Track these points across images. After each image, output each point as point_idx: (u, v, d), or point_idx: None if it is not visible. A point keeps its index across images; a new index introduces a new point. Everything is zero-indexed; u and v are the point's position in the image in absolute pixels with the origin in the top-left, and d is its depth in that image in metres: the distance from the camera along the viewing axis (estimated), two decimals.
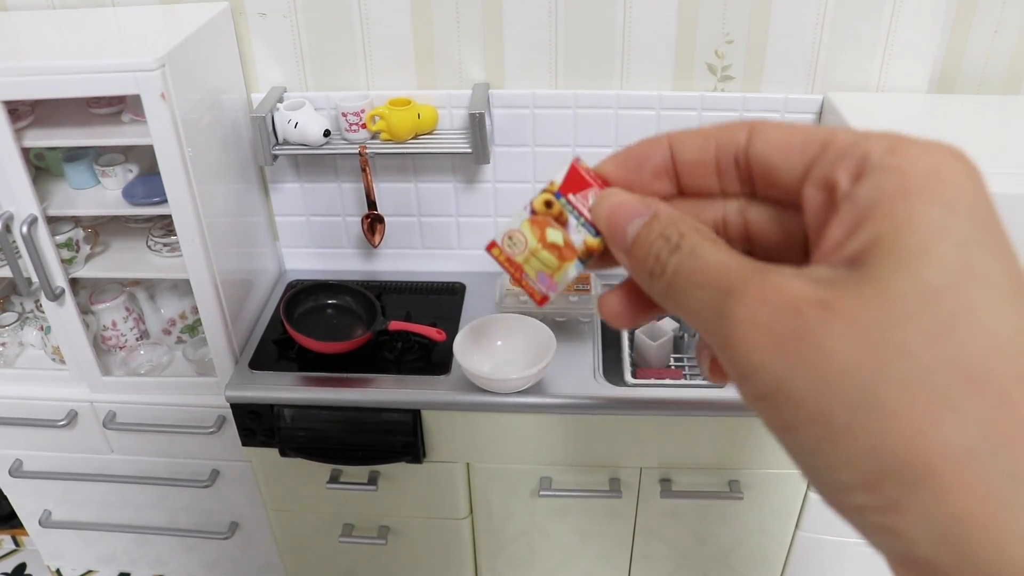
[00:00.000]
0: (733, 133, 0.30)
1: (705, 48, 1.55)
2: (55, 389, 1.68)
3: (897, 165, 0.24)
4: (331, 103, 1.63)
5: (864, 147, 0.25)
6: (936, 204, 0.23)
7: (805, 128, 0.28)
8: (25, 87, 1.31)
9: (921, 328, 0.22)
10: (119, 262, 1.57)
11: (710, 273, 0.26)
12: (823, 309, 0.23)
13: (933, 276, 0.22)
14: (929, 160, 0.24)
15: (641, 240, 0.30)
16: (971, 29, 1.53)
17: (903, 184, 0.23)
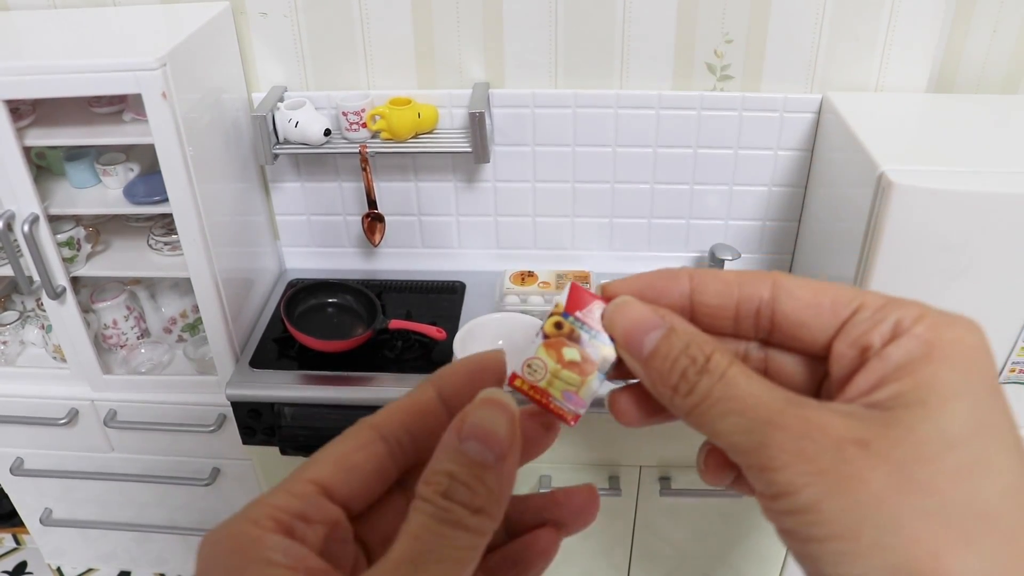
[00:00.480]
0: (756, 286, 0.32)
1: (704, 48, 1.55)
2: (56, 388, 1.69)
3: (925, 335, 0.28)
4: (331, 102, 1.63)
5: (897, 315, 0.29)
6: (956, 371, 0.27)
7: (831, 287, 0.31)
8: (26, 86, 1.31)
9: (944, 469, 0.26)
10: (120, 261, 1.58)
11: (745, 402, 0.29)
12: (861, 447, 0.27)
13: (954, 427, 0.26)
14: (952, 333, 0.28)
15: (662, 354, 0.31)
16: (970, 28, 1.53)
17: (929, 352, 0.28)
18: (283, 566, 0.28)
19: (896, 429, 0.27)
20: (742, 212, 1.73)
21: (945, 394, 0.27)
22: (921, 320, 0.28)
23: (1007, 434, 0.27)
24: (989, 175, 1.27)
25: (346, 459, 0.31)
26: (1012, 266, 1.29)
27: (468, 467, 0.29)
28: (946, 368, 0.27)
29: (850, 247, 1.39)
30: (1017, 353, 1.38)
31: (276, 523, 0.29)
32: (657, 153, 1.67)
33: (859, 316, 0.30)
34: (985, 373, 0.28)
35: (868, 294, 0.30)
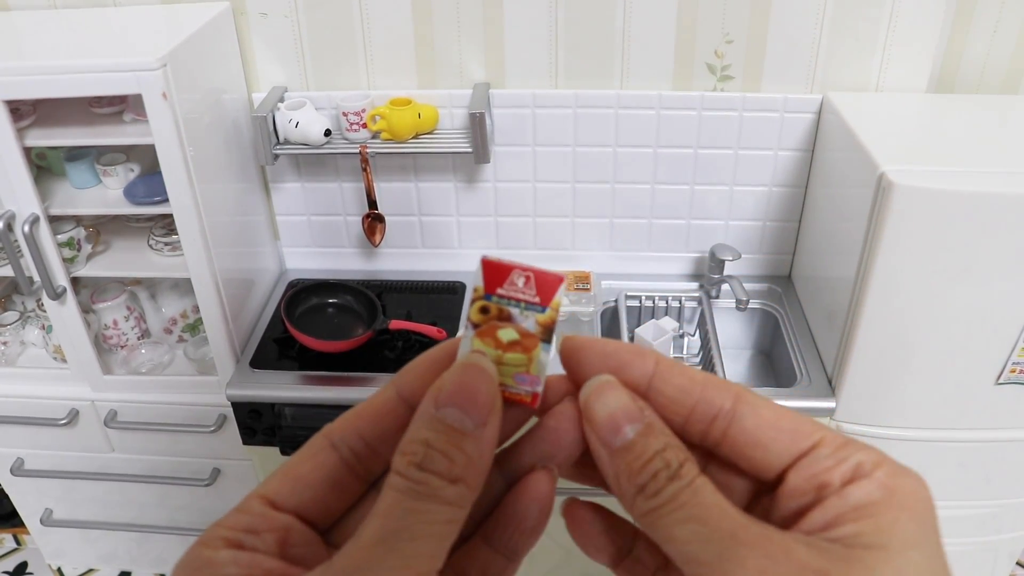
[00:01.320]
0: (720, 392, 0.31)
1: (705, 48, 1.55)
2: (56, 388, 1.69)
3: (885, 481, 0.29)
4: (332, 103, 1.63)
5: (858, 458, 0.30)
6: (915, 521, 0.29)
7: (791, 415, 0.31)
8: (27, 87, 1.31)
9: None
10: (120, 261, 1.58)
11: (711, 512, 0.29)
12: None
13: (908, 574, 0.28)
14: (908, 483, 0.29)
15: (636, 450, 0.30)
16: (970, 29, 1.53)
17: (890, 498, 0.29)
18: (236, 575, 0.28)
19: (857, 567, 0.27)
20: (742, 212, 1.73)
21: (906, 542, 0.28)
22: (880, 466, 0.29)
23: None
24: (989, 175, 1.27)
25: (293, 470, 0.31)
26: (1012, 266, 1.29)
27: (445, 434, 0.28)
28: (906, 517, 0.28)
29: (850, 247, 1.39)
30: (1017, 353, 1.38)
31: (225, 541, 0.29)
32: (657, 153, 1.67)
33: (819, 452, 0.30)
34: (936, 527, 0.29)
35: (827, 430, 0.31)
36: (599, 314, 1.70)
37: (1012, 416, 1.47)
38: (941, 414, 1.47)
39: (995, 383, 1.42)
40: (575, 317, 1.68)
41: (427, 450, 0.28)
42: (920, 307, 1.34)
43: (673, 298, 1.78)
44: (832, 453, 0.30)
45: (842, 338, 1.45)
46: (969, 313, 1.34)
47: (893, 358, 1.41)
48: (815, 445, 0.30)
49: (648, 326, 1.69)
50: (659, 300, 1.78)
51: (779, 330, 1.71)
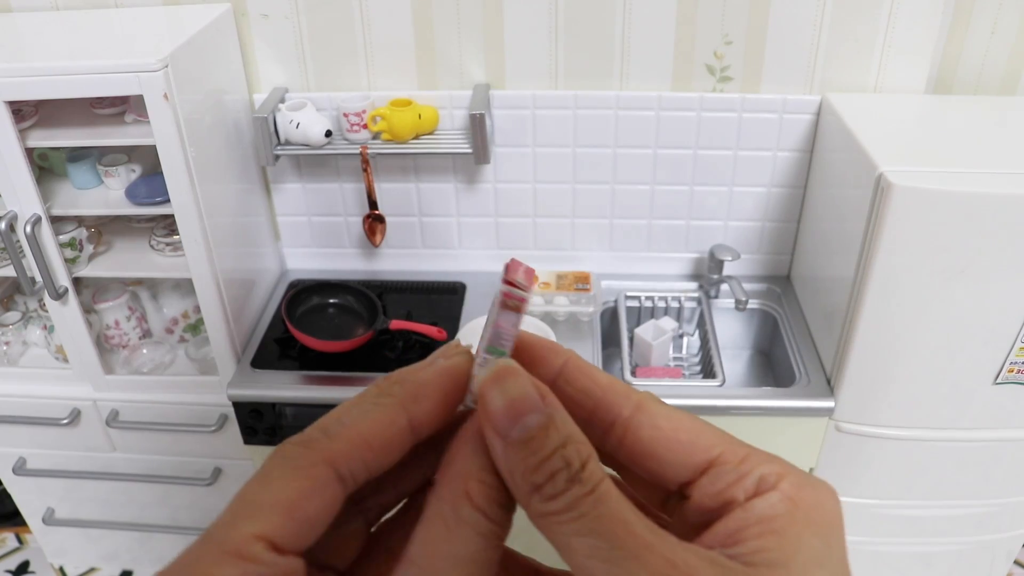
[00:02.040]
0: (619, 400, 0.30)
1: (704, 49, 1.56)
2: (58, 388, 1.69)
3: (790, 493, 0.28)
4: (333, 103, 1.64)
5: (760, 471, 0.28)
6: (819, 537, 0.27)
7: (692, 427, 0.29)
8: (29, 88, 1.32)
9: None
10: (122, 262, 1.58)
11: (613, 527, 0.26)
12: None
13: None
14: (814, 496, 0.28)
15: (533, 446, 0.27)
16: (968, 30, 1.53)
17: (793, 512, 0.27)
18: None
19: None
20: (742, 213, 1.74)
21: (808, 561, 0.27)
22: (784, 477, 0.28)
23: None
24: (987, 176, 1.27)
25: (299, 509, 0.26)
26: (1010, 266, 1.29)
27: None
28: (809, 533, 0.27)
29: (849, 247, 1.40)
30: (1015, 353, 1.38)
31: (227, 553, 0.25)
32: (657, 154, 1.67)
33: (720, 469, 0.29)
34: (842, 543, 0.28)
35: (728, 443, 0.29)
36: (599, 314, 1.70)
37: (1010, 416, 1.48)
38: (939, 414, 1.48)
39: (993, 383, 1.43)
40: (575, 317, 1.69)
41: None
42: (918, 307, 1.35)
43: (672, 298, 1.78)
44: (734, 468, 0.29)
45: (841, 338, 1.45)
46: (967, 313, 1.34)
47: (892, 358, 1.42)
48: (714, 461, 0.29)
49: (647, 326, 1.69)
50: (659, 300, 1.78)
51: (778, 330, 1.72)
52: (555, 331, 1.52)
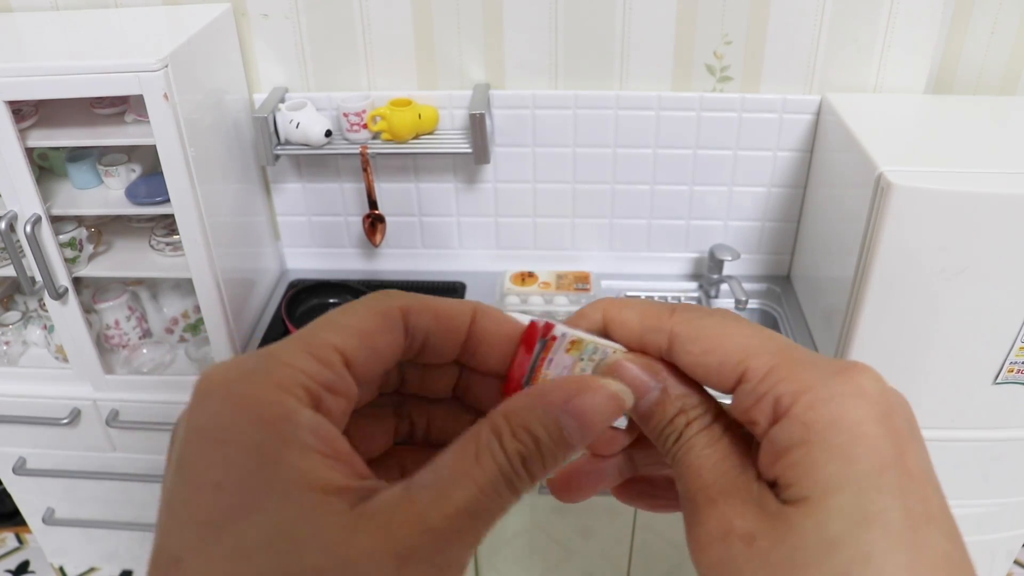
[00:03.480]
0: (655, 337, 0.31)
1: (704, 49, 1.56)
2: (58, 387, 1.69)
3: (802, 417, 0.26)
4: (332, 103, 1.64)
5: (777, 392, 0.27)
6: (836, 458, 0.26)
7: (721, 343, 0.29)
8: (29, 88, 1.32)
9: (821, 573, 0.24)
10: (122, 261, 1.59)
11: (687, 476, 0.29)
12: (746, 542, 0.26)
13: (832, 526, 0.25)
14: (831, 410, 0.26)
15: (656, 418, 0.31)
16: (968, 30, 1.53)
17: (807, 438, 0.26)
18: (317, 451, 0.24)
19: (781, 526, 0.26)
20: (741, 213, 1.74)
21: (825, 488, 0.25)
22: (800, 398, 0.27)
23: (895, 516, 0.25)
24: (988, 176, 1.27)
25: (372, 339, 0.28)
26: (1011, 266, 1.29)
27: (556, 442, 0.27)
28: (825, 456, 0.26)
29: (849, 248, 1.40)
30: (1015, 353, 1.38)
31: (307, 393, 0.25)
32: (657, 154, 1.67)
33: (743, 388, 0.28)
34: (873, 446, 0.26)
35: (752, 356, 0.28)
36: None
37: (1010, 416, 1.48)
38: (939, 413, 1.48)
39: (993, 383, 1.43)
40: None
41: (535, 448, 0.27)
42: (918, 307, 1.35)
43: (672, 298, 1.78)
44: (753, 388, 0.28)
45: (840, 338, 1.45)
46: (967, 313, 1.34)
47: (891, 358, 1.42)
48: (740, 379, 0.28)
49: None
50: (658, 300, 1.78)
51: (778, 330, 1.72)
52: None
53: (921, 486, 0.26)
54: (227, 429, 0.24)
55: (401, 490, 0.25)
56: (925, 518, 0.25)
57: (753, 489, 0.28)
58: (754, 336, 0.29)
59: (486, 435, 0.27)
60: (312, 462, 0.24)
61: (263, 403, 0.24)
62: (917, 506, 0.25)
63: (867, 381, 0.27)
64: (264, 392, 0.25)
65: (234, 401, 0.25)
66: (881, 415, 0.26)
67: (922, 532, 0.25)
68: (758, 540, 0.26)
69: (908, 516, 0.25)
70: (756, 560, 0.26)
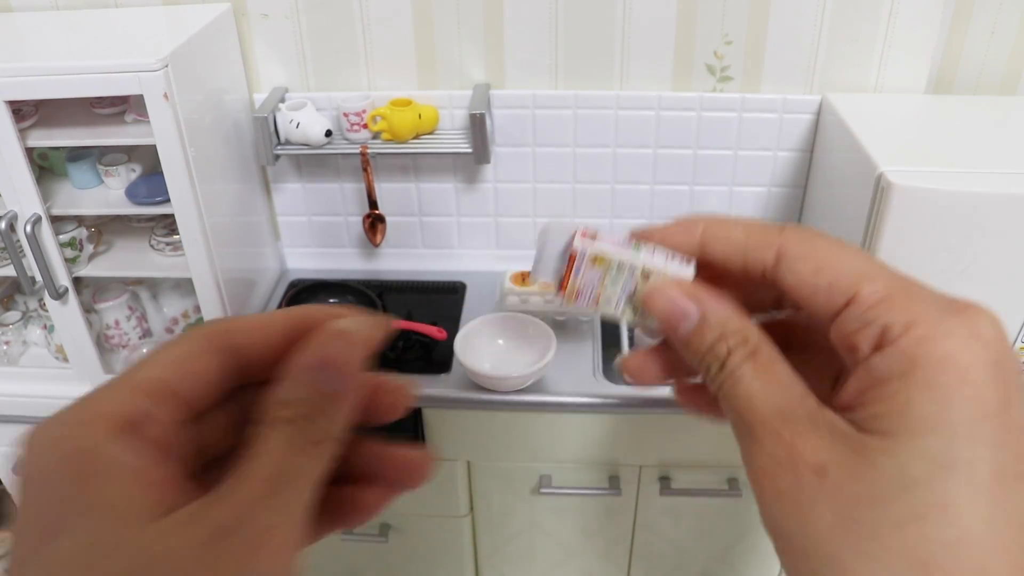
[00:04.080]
0: (761, 253, 0.30)
1: (704, 49, 1.56)
2: (58, 387, 1.69)
3: (909, 350, 0.25)
4: (333, 103, 1.64)
5: (886, 320, 0.26)
6: (936, 399, 0.25)
7: (834, 264, 0.29)
8: (29, 87, 1.31)
9: (893, 514, 0.24)
10: (122, 261, 1.58)
11: (740, 405, 0.28)
12: (818, 475, 0.26)
13: (914, 467, 0.24)
14: (944, 347, 0.25)
15: (695, 345, 0.30)
16: (969, 30, 1.53)
17: (911, 372, 0.25)
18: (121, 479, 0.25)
19: (857, 459, 0.25)
20: (742, 212, 1.74)
21: (916, 427, 0.24)
22: (910, 329, 0.26)
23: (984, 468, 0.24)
24: (988, 176, 1.27)
25: (188, 364, 0.28)
26: (1011, 267, 1.29)
27: (322, 397, 0.28)
28: (925, 395, 0.25)
29: None
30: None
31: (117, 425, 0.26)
32: (657, 154, 1.67)
33: (850, 311, 0.27)
34: (975, 394, 0.25)
35: (867, 280, 0.28)
36: (599, 314, 1.70)
37: None
38: None
39: None
40: (575, 317, 1.69)
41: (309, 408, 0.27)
42: None
43: None
44: (863, 314, 0.27)
45: None
46: None
47: None
48: (849, 302, 0.27)
49: None
50: None
51: None
52: (555, 331, 1.52)
53: (1020, 441, 0.24)
54: (41, 471, 0.25)
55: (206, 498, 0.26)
56: (1016, 475, 0.24)
57: (819, 417, 0.27)
58: (870, 262, 0.28)
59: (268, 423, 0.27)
60: (116, 487, 0.25)
61: (68, 440, 0.25)
62: (1011, 461, 0.24)
63: (985, 324, 0.26)
64: (70, 431, 0.25)
65: (46, 445, 0.25)
66: (993, 362, 0.25)
67: (1010, 488, 0.24)
68: (831, 473, 0.25)
69: (999, 470, 0.24)
70: (828, 493, 0.25)
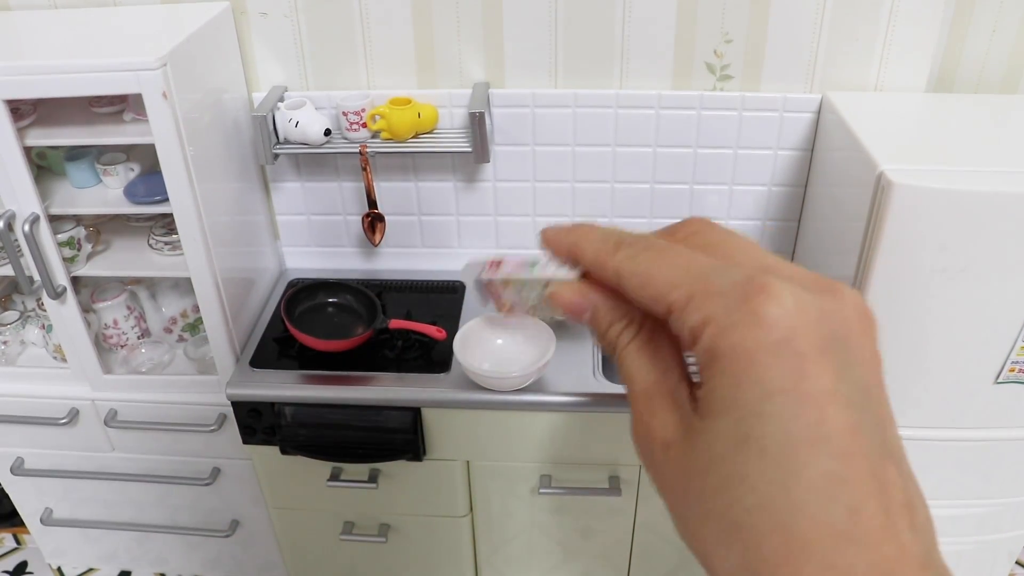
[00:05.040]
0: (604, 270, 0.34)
1: (704, 47, 1.55)
2: (57, 387, 1.69)
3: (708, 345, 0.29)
4: (332, 102, 1.63)
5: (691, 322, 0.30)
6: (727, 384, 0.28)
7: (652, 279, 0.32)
8: (27, 86, 1.31)
9: (711, 484, 0.28)
10: (120, 261, 1.58)
11: (624, 381, 0.34)
12: (664, 449, 0.31)
13: (717, 444, 0.28)
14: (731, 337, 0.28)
15: (597, 330, 0.36)
16: (969, 29, 1.53)
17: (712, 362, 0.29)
18: None
19: (689, 436, 0.30)
20: (742, 212, 1.73)
21: (718, 409, 0.28)
22: (707, 326, 0.29)
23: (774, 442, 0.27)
24: (988, 174, 1.27)
25: None
26: (1011, 265, 1.29)
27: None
28: (721, 381, 0.28)
29: (850, 246, 1.40)
30: (1016, 352, 1.38)
31: None
32: (657, 153, 1.67)
33: (671, 318, 0.31)
34: (761, 378, 0.27)
35: (673, 288, 0.31)
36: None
37: (1011, 415, 1.48)
38: (940, 413, 1.47)
39: (994, 382, 1.42)
40: None
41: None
42: (919, 306, 1.34)
43: None
44: (676, 319, 0.30)
45: None
46: (968, 312, 1.34)
47: (892, 357, 1.41)
48: (668, 310, 0.31)
49: None
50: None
51: None
52: (554, 330, 1.52)
53: (816, 407, 0.27)
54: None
55: None
56: (809, 440, 0.26)
57: (676, 393, 0.32)
58: (681, 267, 0.31)
59: None
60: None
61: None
62: (802, 429, 0.27)
63: (772, 306, 0.28)
64: None
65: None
66: (777, 342, 0.27)
67: (802, 453, 0.26)
68: (672, 448, 0.30)
69: (788, 439, 0.27)
70: (672, 464, 0.30)
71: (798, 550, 0.26)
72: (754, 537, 0.27)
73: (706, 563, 0.29)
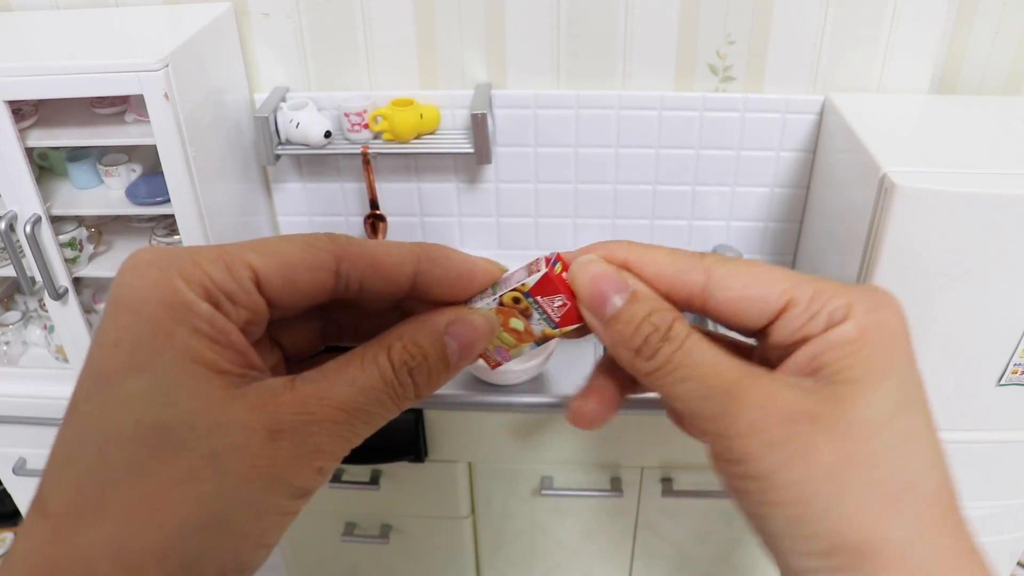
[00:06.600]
0: (690, 275, 0.33)
1: (707, 49, 1.55)
2: (58, 388, 1.69)
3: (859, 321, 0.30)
4: (334, 103, 1.63)
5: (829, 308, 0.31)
6: (884, 353, 0.30)
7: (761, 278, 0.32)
8: (29, 87, 1.31)
9: (881, 444, 0.29)
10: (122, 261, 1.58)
11: (704, 370, 0.31)
12: (810, 420, 0.29)
13: (886, 404, 0.29)
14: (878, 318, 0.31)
15: (625, 318, 0.32)
16: (972, 30, 1.53)
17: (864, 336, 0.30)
18: (207, 337, 0.27)
19: (839, 404, 0.29)
20: (744, 213, 1.73)
21: (877, 374, 0.29)
22: (853, 308, 0.30)
23: (925, 409, 0.31)
24: (992, 176, 1.27)
25: (292, 270, 0.30)
26: (1014, 268, 1.28)
27: (439, 358, 0.31)
28: (876, 351, 0.30)
29: (852, 248, 1.39)
30: (1019, 355, 1.38)
31: (206, 292, 0.28)
32: (659, 154, 1.67)
33: (792, 312, 0.31)
34: (907, 354, 0.31)
35: (795, 286, 0.32)
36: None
37: (1013, 417, 1.47)
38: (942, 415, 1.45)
39: (997, 384, 1.42)
40: None
41: (422, 361, 0.30)
42: (922, 308, 1.34)
43: None
44: (804, 309, 0.31)
45: None
46: (971, 315, 1.34)
47: None
48: (786, 306, 0.32)
49: None
50: None
51: None
52: None
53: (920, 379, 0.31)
54: (134, 300, 0.28)
55: (284, 380, 0.28)
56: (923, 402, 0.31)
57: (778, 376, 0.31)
58: (778, 271, 0.32)
59: (374, 347, 0.30)
60: (201, 344, 0.27)
61: (168, 287, 0.28)
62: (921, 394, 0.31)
63: (891, 298, 0.32)
64: (171, 279, 0.28)
65: (147, 279, 0.28)
66: (905, 324, 0.31)
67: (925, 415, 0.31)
68: (821, 418, 0.29)
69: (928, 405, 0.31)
70: (824, 435, 0.29)
71: None
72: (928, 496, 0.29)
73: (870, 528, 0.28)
